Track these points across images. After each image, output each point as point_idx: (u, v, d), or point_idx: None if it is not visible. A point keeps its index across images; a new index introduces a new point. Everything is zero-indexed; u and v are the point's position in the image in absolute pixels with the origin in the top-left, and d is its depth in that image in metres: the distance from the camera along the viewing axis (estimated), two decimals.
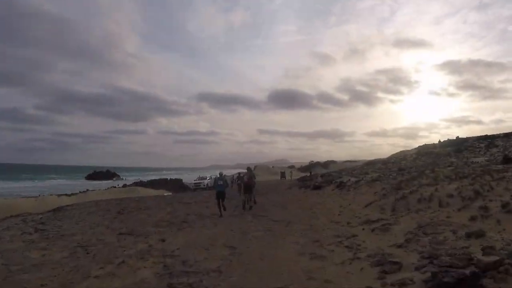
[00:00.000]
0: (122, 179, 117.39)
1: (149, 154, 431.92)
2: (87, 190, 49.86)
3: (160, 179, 67.00)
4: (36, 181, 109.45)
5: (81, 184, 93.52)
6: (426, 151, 41.51)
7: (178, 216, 19.05)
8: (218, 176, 20.42)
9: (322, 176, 40.15)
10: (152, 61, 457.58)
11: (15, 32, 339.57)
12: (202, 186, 49.79)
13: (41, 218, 21.13)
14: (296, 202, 23.48)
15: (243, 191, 21.03)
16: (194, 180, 53.86)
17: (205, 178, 52.60)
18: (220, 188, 19.01)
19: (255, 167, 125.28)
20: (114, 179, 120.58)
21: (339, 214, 16.48)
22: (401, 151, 48.82)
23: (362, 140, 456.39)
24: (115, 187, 55.39)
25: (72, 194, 45.97)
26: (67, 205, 31.27)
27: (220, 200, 18.72)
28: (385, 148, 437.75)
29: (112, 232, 15.09)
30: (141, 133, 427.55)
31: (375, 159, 49.76)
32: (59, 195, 43.73)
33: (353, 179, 29.72)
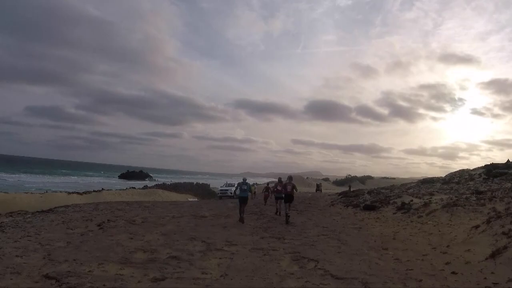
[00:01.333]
0: (155, 180, 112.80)
1: (184, 158, 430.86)
2: (102, 189, 43.37)
3: (185, 183, 60.06)
4: (71, 177, 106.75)
5: (113, 182, 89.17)
6: (496, 171, 33.14)
7: (173, 242, 11.83)
8: (242, 181, 19.06)
9: (369, 193, 32.24)
10: (191, 67, 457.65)
11: (58, 34, 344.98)
12: (228, 193, 42.60)
13: None
14: (352, 229, 15.77)
15: (284, 201, 18.55)
16: (221, 187, 46.51)
17: (233, 185, 45.25)
18: (244, 194, 18.24)
19: (289, 177, 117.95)
20: (147, 179, 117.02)
21: (454, 274, 8.53)
22: (460, 170, 40.36)
23: (399, 157, 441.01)
24: (134, 188, 48.55)
25: (85, 192, 39.45)
26: (65, 206, 25.90)
27: (243, 205, 17.79)
28: (423, 167, 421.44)
29: (38, 269, 8.18)
30: (177, 136, 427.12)
31: (430, 178, 41.26)
32: (69, 193, 37.53)
33: (416, 200, 21.95)
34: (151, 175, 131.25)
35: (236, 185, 45.87)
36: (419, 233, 14.02)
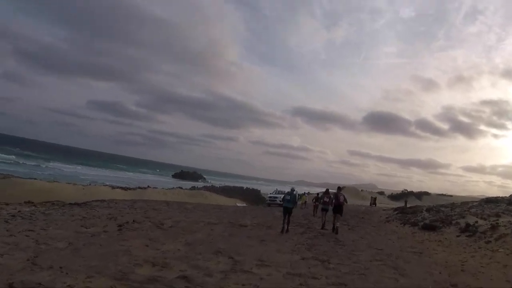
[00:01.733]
0: (207, 182, 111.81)
1: (239, 162, 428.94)
2: (148, 186, 42.21)
3: (234, 187, 58.16)
4: (126, 172, 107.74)
5: (166, 181, 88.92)
6: None
7: (194, 256, 9.78)
8: (290, 191, 17.99)
9: (428, 210, 29.00)
10: (251, 72, 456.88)
11: (124, 32, 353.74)
12: (278, 201, 40.03)
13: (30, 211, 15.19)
14: (412, 254, 13.03)
15: (333, 212, 17.57)
16: (270, 194, 44.02)
17: (283, 193, 42.80)
18: (287, 204, 16.89)
19: (343, 187, 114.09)
20: (200, 180, 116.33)
21: None
22: None
23: (457, 174, 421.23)
24: (181, 188, 47.10)
25: (129, 188, 38.33)
26: (102, 200, 24.67)
27: (287, 215, 16.46)
28: (481, 186, 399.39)
29: (10, 274, 6.33)
30: (234, 140, 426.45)
31: (494, 197, 37.20)
32: (113, 187, 36.47)
33: (482, 222, 18.97)
34: (204, 176, 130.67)
35: (286, 193, 43.61)
36: (491, 263, 11.20)
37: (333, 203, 17.77)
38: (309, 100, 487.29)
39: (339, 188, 18.74)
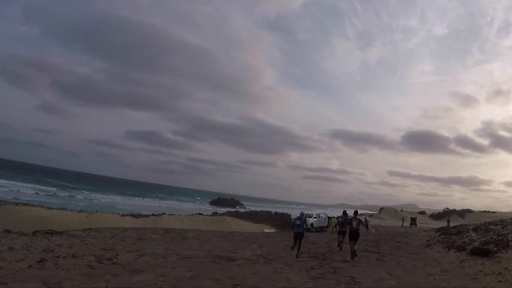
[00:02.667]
0: (245, 208, 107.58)
1: (277, 187, 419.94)
2: (163, 213, 38.20)
3: (262, 211, 53.27)
4: (163, 200, 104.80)
5: (201, 208, 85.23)
6: None
7: None
8: (299, 215, 16.75)
9: (475, 230, 23.69)
10: (287, 96, 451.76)
11: (158, 61, 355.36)
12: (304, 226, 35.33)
13: None
14: None
15: (349, 238, 15.91)
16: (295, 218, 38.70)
17: (311, 216, 37.88)
18: (298, 229, 15.52)
19: (382, 209, 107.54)
20: (237, 207, 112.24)
21: None
22: None
23: (499, 190, 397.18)
24: (201, 214, 42.81)
25: (141, 216, 34.47)
26: (90, 228, 21.63)
27: (298, 241, 15.15)
28: None
29: None
30: (272, 165, 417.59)
31: None
32: (122, 215, 32.73)
33: None
34: (242, 202, 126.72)
35: (314, 217, 38.79)
36: None
37: (348, 228, 16.40)
38: (346, 122, 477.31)
39: (355, 213, 17.29)
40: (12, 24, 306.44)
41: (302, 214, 17.95)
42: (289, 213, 53.83)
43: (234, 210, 56.08)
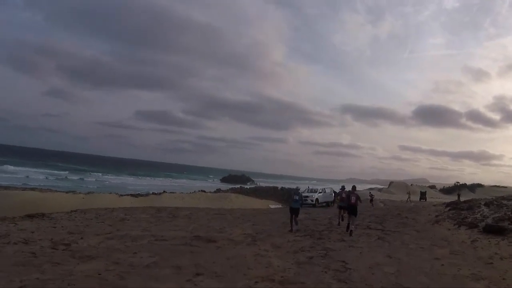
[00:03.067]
0: (256, 184, 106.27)
1: (288, 163, 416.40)
2: (163, 191, 36.65)
3: (268, 187, 51.74)
4: (175, 179, 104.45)
5: (212, 185, 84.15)
6: None
7: None
8: (295, 190, 16.92)
9: (487, 205, 21.86)
10: (297, 72, 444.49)
11: (166, 40, 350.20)
12: (309, 201, 33.43)
13: None
14: None
15: (347, 214, 15.87)
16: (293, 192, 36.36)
17: (316, 191, 36.02)
18: (295, 204, 15.36)
19: (391, 183, 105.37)
20: (248, 183, 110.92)
21: None
22: None
23: (510, 165, 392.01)
24: (204, 191, 41.27)
25: (141, 195, 33.20)
26: (77, 210, 20.05)
27: (294, 215, 14.98)
28: None
29: None
30: (282, 141, 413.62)
31: None
32: (121, 195, 31.31)
33: None
34: (253, 179, 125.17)
35: (320, 191, 37.08)
36: None
37: (347, 203, 15.82)
38: (357, 97, 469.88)
39: (353, 187, 16.48)
40: (16, 10, 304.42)
41: (297, 189, 17.31)
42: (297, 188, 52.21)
43: (238, 186, 53.94)
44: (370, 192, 50.80)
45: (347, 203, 15.61)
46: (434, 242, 12.70)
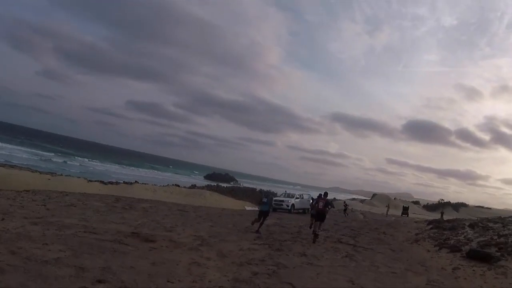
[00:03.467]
0: (239, 184, 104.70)
1: (274, 166, 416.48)
2: (136, 181, 34.86)
3: (245, 188, 49.99)
4: (159, 172, 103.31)
5: (194, 181, 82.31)
6: None
7: None
8: (266, 193, 18.00)
9: (472, 226, 20.18)
10: (291, 76, 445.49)
11: (163, 33, 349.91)
12: (285, 206, 30.99)
13: None
14: None
15: (314, 219, 15.19)
16: (276, 197, 33.45)
17: (293, 196, 33.58)
18: (265, 207, 14.94)
19: (374, 195, 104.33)
20: (232, 183, 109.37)
21: None
22: None
23: (495, 187, 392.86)
24: (178, 185, 39.30)
25: (111, 183, 31.34)
26: (40, 190, 19.47)
27: (262, 218, 14.79)
28: None
29: None
30: (270, 144, 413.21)
31: None
32: (89, 180, 29.43)
33: None
34: (236, 179, 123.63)
35: (297, 197, 34.96)
36: None
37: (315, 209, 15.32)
38: (348, 106, 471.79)
39: (325, 194, 15.99)
40: None
41: (268, 193, 17.21)
42: (275, 192, 50.19)
43: (215, 184, 52.14)
44: (344, 202, 49.35)
45: (316, 209, 15.17)
46: (409, 266, 10.90)
